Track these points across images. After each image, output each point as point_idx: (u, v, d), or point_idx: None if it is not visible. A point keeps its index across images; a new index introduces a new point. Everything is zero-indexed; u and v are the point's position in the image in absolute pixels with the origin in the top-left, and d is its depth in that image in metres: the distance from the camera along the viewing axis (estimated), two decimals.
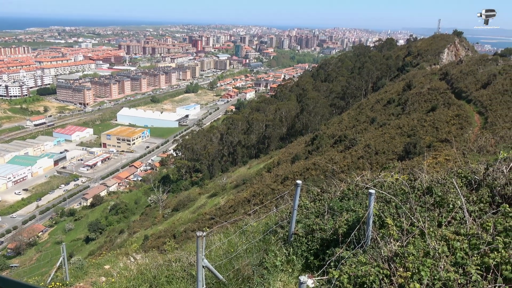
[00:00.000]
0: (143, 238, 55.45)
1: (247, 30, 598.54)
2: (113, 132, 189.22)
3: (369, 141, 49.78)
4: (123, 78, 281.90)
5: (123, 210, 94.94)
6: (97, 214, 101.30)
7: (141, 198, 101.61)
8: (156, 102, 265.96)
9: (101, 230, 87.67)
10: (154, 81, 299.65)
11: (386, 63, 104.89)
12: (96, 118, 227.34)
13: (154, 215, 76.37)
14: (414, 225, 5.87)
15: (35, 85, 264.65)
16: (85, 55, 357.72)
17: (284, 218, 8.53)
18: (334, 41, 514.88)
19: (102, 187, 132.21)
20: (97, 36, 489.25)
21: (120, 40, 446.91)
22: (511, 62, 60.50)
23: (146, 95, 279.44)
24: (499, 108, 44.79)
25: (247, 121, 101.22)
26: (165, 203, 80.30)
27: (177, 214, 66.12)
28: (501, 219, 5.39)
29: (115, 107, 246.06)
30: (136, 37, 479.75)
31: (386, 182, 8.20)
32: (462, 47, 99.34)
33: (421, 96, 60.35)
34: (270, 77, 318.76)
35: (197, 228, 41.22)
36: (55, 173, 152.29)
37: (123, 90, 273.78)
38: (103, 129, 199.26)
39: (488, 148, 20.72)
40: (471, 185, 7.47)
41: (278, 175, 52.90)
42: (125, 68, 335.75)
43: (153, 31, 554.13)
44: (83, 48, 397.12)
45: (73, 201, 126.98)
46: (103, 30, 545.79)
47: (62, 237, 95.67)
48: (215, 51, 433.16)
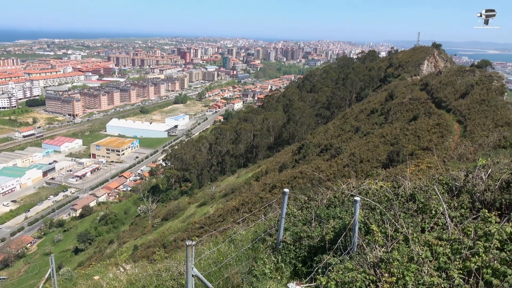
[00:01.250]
0: (132, 248, 54.61)
1: (234, 43, 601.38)
2: (102, 143, 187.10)
3: (354, 149, 50.17)
4: (112, 89, 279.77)
5: (112, 220, 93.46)
6: (87, 225, 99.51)
7: (130, 208, 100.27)
8: (145, 113, 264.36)
9: (91, 240, 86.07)
10: (143, 92, 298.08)
11: (369, 74, 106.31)
12: (85, 129, 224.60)
13: (143, 224, 75.35)
14: (398, 231, 5.91)
15: (24, 97, 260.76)
16: (74, 67, 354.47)
17: (273, 226, 8.51)
18: (319, 53, 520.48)
19: (91, 198, 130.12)
20: (86, 48, 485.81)
21: (109, 52, 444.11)
22: (488, 73, 61.77)
23: (135, 106, 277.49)
24: (477, 117, 45.64)
25: (235, 131, 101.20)
26: (155, 213, 79.36)
27: (166, 223, 65.38)
28: (481, 224, 5.47)
29: (105, 118, 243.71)
30: (125, 49, 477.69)
31: (371, 190, 8.26)
32: (441, 58, 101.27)
33: (403, 106, 61.22)
34: (257, 88, 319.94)
35: (187, 237, 40.81)
36: (44, 184, 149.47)
37: (112, 101, 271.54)
38: (93, 140, 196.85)
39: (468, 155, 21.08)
40: (452, 192, 7.57)
41: (266, 184, 52.83)
42: (115, 79, 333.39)
43: (142, 43, 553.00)
44: (72, 60, 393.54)
45: (62, 212, 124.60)
46: (92, 42, 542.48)
47: (51, 248, 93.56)
48: (203, 63, 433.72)
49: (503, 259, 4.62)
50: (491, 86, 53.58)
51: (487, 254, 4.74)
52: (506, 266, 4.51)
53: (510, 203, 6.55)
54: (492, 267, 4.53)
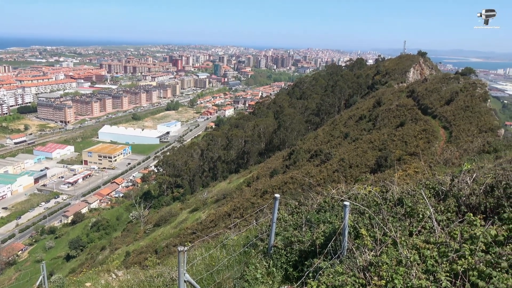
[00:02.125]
0: (124, 254, 53.96)
1: (225, 50, 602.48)
2: (94, 149, 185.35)
3: (343, 155, 50.39)
4: (104, 96, 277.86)
5: (104, 227, 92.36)
6: (78, 231, 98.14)
7: (122, 214, 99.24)
8: (137, 119, 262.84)
9: (82, 247, 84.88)
10: (135, 99, 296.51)
11: (357, 81, 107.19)
12: (77, 135, 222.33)
13: (135, 231, 74.58)
14: (387, 235, 5.95)
15: (15, 104, 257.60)
16: (66, 74, 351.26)
17: (264, 231, 8.49)
18: (308, 60, 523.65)
19: (83, 204, 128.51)
20: (78, 56, 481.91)
21: (101, 60, 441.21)
22: (471, 80, 62.63)
23: (128, 112, 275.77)
24: (462, 123, 46.20)
25: (227, 137, 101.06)
26: (147, 219, 78.65)
27: (158, 229, 64.79)
28: (467, 227, 5.53)
29: (97, 124, 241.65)
30: (117, 56, 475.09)
31: (360, 194, 8.30)
32: (427, 66, 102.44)
33: (390, 112, 61.72)
34: (248, 95, 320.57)
35: (179, 243, 40.48)
36: (35, 191, 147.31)
37: (104, 108, 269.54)
38: (84, 147, 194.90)
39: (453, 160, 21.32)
40: (438, 196, 7.64)
41: (257, 189, 52.75)
42: (107, 86, 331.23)
43: (134, 51, 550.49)
44: (64, 67, 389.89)
45: (54, 219, 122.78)
46: (85, 50, 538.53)
47: (42, 255, 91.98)
48: (195, 70, 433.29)
49: (488, 261, 4.68)
50: (474, 93, 54.34)
51: (473, 257, 4.79)
52: (492, 268, 4.56)
53: (494, 207, 6.64)
54: (478, 269, 4.58)
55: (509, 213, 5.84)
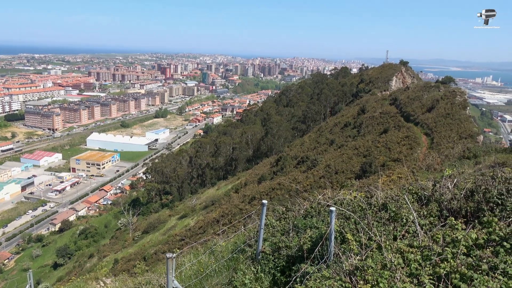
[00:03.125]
0: (113, 261, 53.09)
1: (213, 59, 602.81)
2: (82, 157, 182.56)
3: (329, 161, 50.68)
4: (92, 103, 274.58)
5: (92, 234, 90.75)
6: (66, 239, 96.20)
7: (111, 222, 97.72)
8: (126, 127, 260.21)
9: (70, 255, 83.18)
10: (123, 107, 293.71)
11: (341, 89, 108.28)
12: (65, 143, 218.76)
13: (124, 238, 73.50)
14: (372, 239, 5.98)
15: (2, 111, 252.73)
16: (55, 81, 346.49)
17: (252, 237, 8.47)
18: (294, 69, 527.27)
19: (71, 212, 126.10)
20: (66, 64, 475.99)
21: (90, 68, 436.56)
22: (451, 88, 63.80)
23: (116, 120, 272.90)
24: (443, 129, 46.99)
25: (215, 144, 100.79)
26: (135, 226, 77.66)
27: (147, 236, 64.00)
28: (448, 231, 5.60)
29: (85, 132, 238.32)
30: (106, 64, 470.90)
31: (346, 200, 8.35)
32: (408, 75, 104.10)
33: (374, 119, 62.44)
34: (236, 103, 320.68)
35: (168, 249, 40.03)
36: (23, 199, 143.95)
37: (92, 115, 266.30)
38: (72, 154, 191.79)
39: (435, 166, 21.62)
40: (421, 201, 7.73)
41: (245, 196, 52.63)
42: (95, 94, 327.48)
43: (122, 59, 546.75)
44: (53, 75, 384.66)
45: (41, 227, 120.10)
46: (73, 58, 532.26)
47: (29, 264, 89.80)
48: (183, 78, 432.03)
49: (470, 264, 4.74)
50: (454, 101, 55.40)
51: (455, 260, 4.85)
52: (473, 271, 4.62)
53: (475, 211, 6.75)
54: (460, 272, 4.63)
55: (489, 217, 5.94)
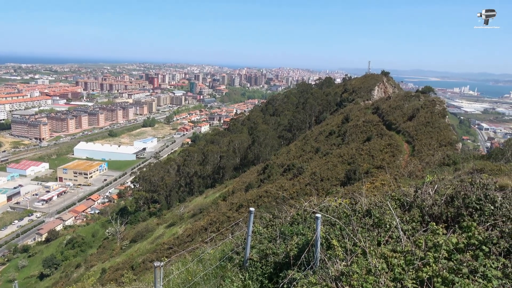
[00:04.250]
0: (100, 271, 51.99)
1: (200, 69, 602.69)
2: (69, 166, 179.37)
3: (314, 169, 50.90)
4: (80, 113, 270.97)
5: (79, 244, 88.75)
6: (53, 249, 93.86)
7: (98, 231, 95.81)
8: (114, 136, 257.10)
9: (57, 265, 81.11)
10: (111, 116, 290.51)
11: (326, 99, 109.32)
12: (52, 152, 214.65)
13: (112, 247, 72.13)
14: (356, 245, 6.01)
15: None
16: (42, 91, 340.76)
17: (240, 244, 8.42)
18: (280, 79, 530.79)
19: (58, 222, 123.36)
20: (54, 73, 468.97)
21: (77, 77, 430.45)
22: (431, 98, 65.08)
23: (104, 129, 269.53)
24: (424, 137, 47.77)
25: (203, 153, 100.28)
26: (123, 235, 76.32)
27: (135, 245, 62.93)
28: (430, 236, 5.67)
29: (72, 141, 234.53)
30: (93, 74, 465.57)
31: (331, 207, 8.38)
32: (390, 85, 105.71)
33: (358, 128, 63.12)
34: (223, 112, 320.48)
35: (156, 258, 39.41)
36: (8, 209, 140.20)
37: (80, 124, 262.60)
38: (60, 163, 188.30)
39: (417, 173, 21.94)
40: (404, 207, 7.80)
41: (233, 203, 52.35)
42: (83, 103, 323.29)
43: (110, 69, 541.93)
44: (40, 84, 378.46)
45: (27, 237, 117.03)
46: (60, 67, 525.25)
47: (14, 275, 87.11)
48: (171, 88, 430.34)
49: (451, 268, 4.81)
50: (434, 110, 56.52)
51: (437, 264, 4.90)
52: (454, 274, 4.68)
53: (455, 216, 6.85)
54: (442, 276, 4.69)
55: (468, 222, 6.03)
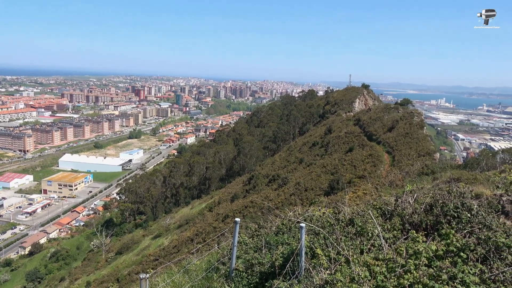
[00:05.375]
0: (85, 284, 50.58)
1: (186, 81, 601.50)
2: (54, 178, 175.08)
3: (299, 179, 51.02)
4: (65, 125, 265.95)
5: (64, 257, 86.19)
6: (36, 263, 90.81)
7: (83, 243, 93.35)
8: (100, 147, 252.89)
9: (40, 279, 78.43)
10: (97, 128, 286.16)
11: (309, 111, 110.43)
12: (36, 164, 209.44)
13: (97, 259, 70.33)
14: (340, 253, 6.03)
15: None
16: (27, 103, 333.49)
17: (225, 254, 8.33)
18: (265, 91, 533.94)
19: (42, 234, 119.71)
20: (39, 85, 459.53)
21: (63, 89, 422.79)
22: (409, 110, 66.44)
23: (89, 141, 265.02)
24: (403, 148, 48.55)
25: (189, 164, 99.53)
26: (109, 247, 74.57)
27: (120, 257, 61.54)
28: (411, 243, 5.74)
29: (57, 153, 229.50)
30: (79, 86, 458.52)
31: (315, 216, 8.40)
32: (370, 97, 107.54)
33: (340, 139, 63.80)
34: (209, 124, 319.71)
35: (141, 270, 38.59)
36: None
37: (65, 136, 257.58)
38: (44, 176, 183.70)
39: (397, 182, 22.24)
40: (385, 215, 7.89)
41: (219, 214, 51.90)
42: (68, 115, 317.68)
43: (96, 81, 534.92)
44: (25, 96, 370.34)
45: (10, 251, 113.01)
46: (46, 80, 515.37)
47: None
48: (157, 100, 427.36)
49: (431, 274, 4.87)
50: (412, 121, 57.65)
51: (418, 271, 4.96)
52: (434, 281, 4.74)
53: (434, 224, 6.96)
54: (422, 282, 4.74)
55: (446, 229, 6.14)
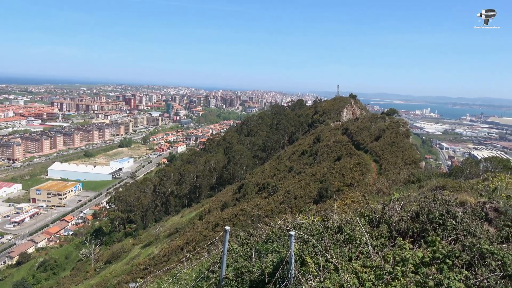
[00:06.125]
0: None
1: (177, 91, 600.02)
2: (43, 187, 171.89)
3: (288, 187, 51.03)
4: (55, 133, 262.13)
5: (52, 267, 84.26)
6: (24, 273, 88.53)
7: (72, 253, 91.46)
8: (90, 156, 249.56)
9: None
10: (87, 137, 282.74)
11: (298, 120, 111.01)
12: (25, 173, 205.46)
13: (86, 269, 68.91)
14: (329, 261, 6.03)
15: None
16: (16, 111, 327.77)
17: (215, 263, 8.27)
18: (254, 101, 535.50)
19: (30, 244, 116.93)
20: (29, 94, 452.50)
21: (53, 98, 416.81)
22: (395, 119, 67.30)
23: (79, 150, 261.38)
24: (390, 156, 49.04)
25: (179, 173, 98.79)
26: (98, 256, 73.16)
27: (110, 266, 60.42)
28: (398, 250, 5.78)
29: (46, 162, 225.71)
30: (70, 95, 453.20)
31: (304, 224, 8.41)
32: (357, 107, 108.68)
33: (328, 147, 64.17)
34: (199, 132, 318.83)
35: (131, 279, 37.97)
36: None
37: (55, 145, 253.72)
38: (33, 184, 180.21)
39: (384, 190, 22.42)
40: (372, 223, 7.94)
41: (209, 222, 51.48)
42: (58, 124, 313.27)
43: (87, 90, 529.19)
44: (14, 105, 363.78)
45: None
46: (36, 88, 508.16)
47: None
48: (148, 109, 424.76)
49: (418, 281, 4.90)
50: (398, 131, 58.37)
51: (405, 278, 4.99)
52: (421, 287, 4.77)
53: (420, 231, 7.02)
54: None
55: (432, 237, 6.20)
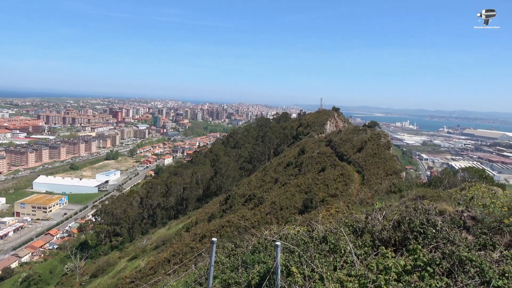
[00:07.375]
0: None
1: (164, 104, 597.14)
2: (27, 200, 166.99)
3: (274, 198, 50.92)
4: (41, 146, 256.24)
5: (36, 282, 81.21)
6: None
7: (56, 267, 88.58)
8: (75, 169, 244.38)
9: None
10: (73, 149, 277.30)
11: (283, 132, 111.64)
12: (9, 186, 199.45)
13: (70, 283, 66.67)
14: (314, 270, 6.02)
15: None
16: (1, 124, 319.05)
17: (203, 275, 8.15)
18: (240, 114, 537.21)
19: (13, 259, 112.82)
20: (15, 107, 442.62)
21: (39, 111, 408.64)
22: (376, 131, 68.40)
23: (65, 162, 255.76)
24: (372, 167, 49.62)
25: (166, 185, 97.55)
26: (83, 270, 70.99)
27: (95, 280, 58.65)
28: (381, 259, 5.82)
29: (31, 175, 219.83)
30: (56, 108, 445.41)
31: (290, 234, 8.40)
32: (340, 119, 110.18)
33: (313, 159, 64.55)
34: (186, 145, 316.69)
35: None
36: None
37: (40, 158, 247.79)
38: (17, 198, 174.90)
39: (367, 200, 22.61)
40: (356, 232, 7.99)
41: (196, 234, 50.75)
42: (44, 137, 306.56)
43: (73, 103, 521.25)
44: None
45: None
46: (22, 101, 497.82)
47: None
48: (135, 122, 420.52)
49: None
50: (380, 142, 59.29)
51: (388, 286, 5.01)
52: None
53: (402, 239, 7.10)
54: None
55: (414, 245, 6.27)
